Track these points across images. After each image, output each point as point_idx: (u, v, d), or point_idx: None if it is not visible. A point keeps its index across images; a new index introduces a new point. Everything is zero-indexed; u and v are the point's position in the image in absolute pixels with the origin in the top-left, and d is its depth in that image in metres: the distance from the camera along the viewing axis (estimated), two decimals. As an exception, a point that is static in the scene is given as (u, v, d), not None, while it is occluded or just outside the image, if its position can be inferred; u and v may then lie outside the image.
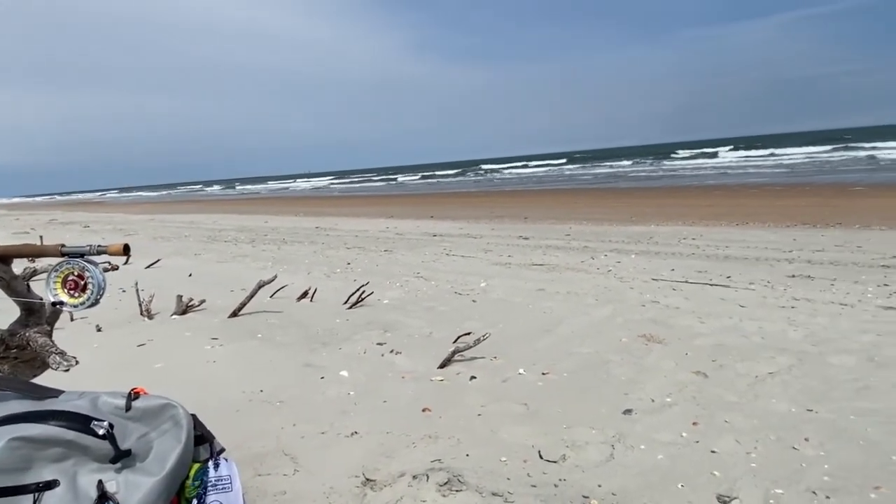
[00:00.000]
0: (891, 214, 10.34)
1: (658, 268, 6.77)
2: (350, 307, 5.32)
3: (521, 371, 3.56)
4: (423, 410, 3.02)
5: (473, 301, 5.50)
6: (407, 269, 7.45)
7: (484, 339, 3.82)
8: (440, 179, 52.87)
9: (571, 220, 13.14)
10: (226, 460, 1.94)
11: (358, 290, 5.51)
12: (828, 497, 2.10)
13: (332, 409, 3.06)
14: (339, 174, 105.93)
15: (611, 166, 46.04)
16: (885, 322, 4.17)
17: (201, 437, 1.87)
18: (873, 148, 34.28)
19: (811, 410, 2.83)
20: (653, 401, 3.05)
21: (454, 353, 3.76)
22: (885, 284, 5.28)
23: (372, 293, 5.63)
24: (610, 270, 6.76)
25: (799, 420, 2.74)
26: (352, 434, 2.75)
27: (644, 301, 5.18)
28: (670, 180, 27.43)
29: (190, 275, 7.51)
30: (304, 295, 5.74)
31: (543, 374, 3.50)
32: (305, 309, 5.36)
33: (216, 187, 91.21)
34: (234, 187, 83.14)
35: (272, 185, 79.75)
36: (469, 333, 4.17)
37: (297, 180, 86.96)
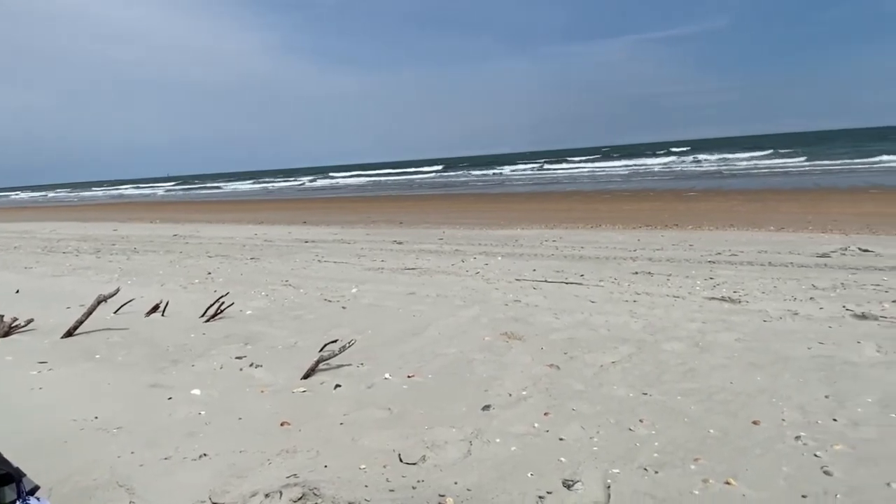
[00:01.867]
0: (717, 216, 11.82)
1: (521, 269, 7.12)
2: (208, 320, 4.97)
3: (387, 376, 3.55)
4: (282, 424, 2.89)
5: (343, 308, 5.40)
6: (275, 277, 7.13)
7: (349, 346, 3.75)
8: (312, 184, 51.60)
9: (445, 224, 13.42)
10: (38, 500, 1.70)
11: (217, 301, 5.17)
12: (656, 472, 2.32)
13: (178, 432, 2.82)
14: (200, 178, 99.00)
15: (485, 173, 47.87)
16: (709, 311, 4.73)
17: (6, 476, 1.62)
18: (719, 161, 39.15)
19: (646, 394, 3.12)
20: (510, 395, 3.18)
21: (319, 362, 3.66)
22: (711, 278, 6.00)
23: (233, 304, 5.31)
24: (478, 272, 6.99)
25: (636, 403, 3.01)
26: (200, 457, 2.56)
27: (507, 301, 5.41)
28: (537, 186, 29.14)
29: (17, 291, 6.58)
30: (155, 309, 5.27)
31: (409, 377, 3.52)
32: (155, 324, 4.92)
33: (29, 193, 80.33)
34: (46, 194, 73.32)
35: (101, 191, 71.17)
36: (336, 341, 4.08)
37: (143, 186, 78.71)
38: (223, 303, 5.16)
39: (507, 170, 48.73)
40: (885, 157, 29.67)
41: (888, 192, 15.15)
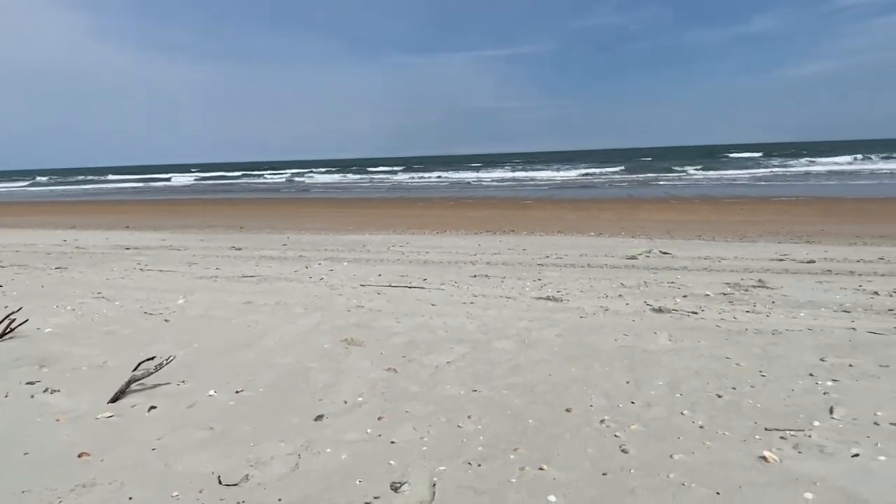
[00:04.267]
0: (548, 223, 12.86)
1: (367, 274, 7.10)
2: (-8, 341, 4.22)
3: (212, 392, 3.30)
4: (80, 456, 2.54)
5: (166, 320, 4.93)
6: (85, 288, 6.30)
7: (168, 363, 3.43)
8: (138, 185, 46.79)
9: (291, 229, 12.94)
10: None
11: (6, 317, 4.42)
12: (479, 465, 2.44)
13: (-62, 478, 2.35)
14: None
15: (334, 178, 47.09)
16: (536, 310, 5.11)
17: None
18: (553, 172, 42.51)
19: (476, 391, 3.27)
20: (345, 402, 3.14)
21: (130, 382, 3.29)
22: (539, 279, 6.50)
23: (27, 321, 4.58)
24: (322, 279, 6.83)
25: (465, 400, 3.14)
26: (-34, 504, 2.15)
27: (350, 306, 5.35)
28: (387, 192, 29.36)
29: None
30: (-81, 331, 4.35)
31: (237, 392, 3.31)
32: (-82, 349, 4.06)
33: None
34: None
35: None
36: (153, 358, 3.70)
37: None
38: (14, 319, 4.42)
39: (356, 175, 48.45)
40: (687, 172, 34.76)
41: (685, 202, 17.69)
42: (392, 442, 2.65)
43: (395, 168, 55.02)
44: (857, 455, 2.45)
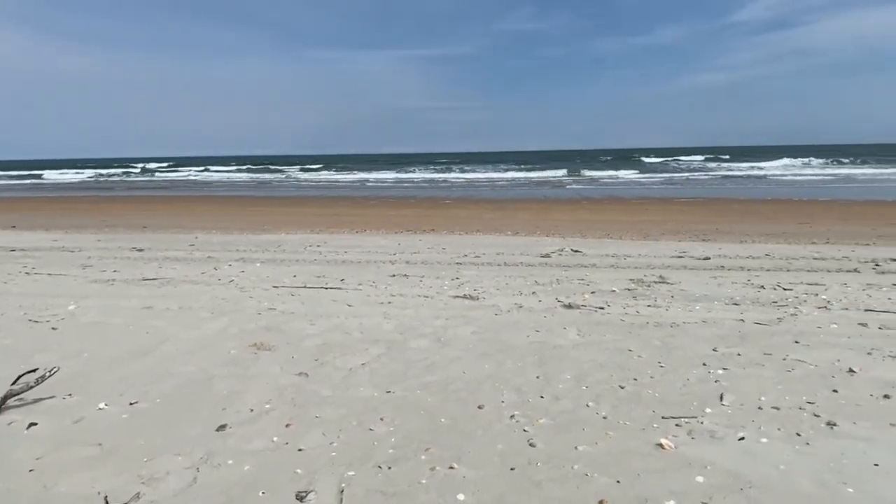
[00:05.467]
0: (468, 223, 13.02)
1: (281, 275, 6.86)
2: None
3: (102, 405, 3.05)
4: (-60, 484, 2.26)
5: (54, 328, 4.52)
6: (-44, 295, 5.65)
7: (51, 374, 3.13)
8: (37, 181, 42.87)
9: (199, 228, 12.29)
10: None
11: None
12: (390, 468, 2.40)
13: None
14: None
15: (250, 175, 45.32)
16: (453, 308, 5.14)
17: None
18: (473, 173, 43.08)
19: (390, 391, 3.23)
20: (251, 410, 3.00)
21: (7, 397, 2.98)
22: (457, 278, 6.55)
23: None
24: (232, 280, 6.52)
25: (379, 402, 3.09)
26: None
27: (261, 309, 5.14)
28: (305, 191, 28.62)
29: None
30: None
31: (131, 404, 3.08)
32: None
33: None
34: None
35: None
36: (35, 370, 3.37)
37: None
38: None
39: (274, 173, 46.89)
40: (594, 174, 36.42)
41: (596, 203, 18.50)
42: (300, 449, 2.56)
43: (317, 166, 53.79)
44: (742, 438, 2.64)
